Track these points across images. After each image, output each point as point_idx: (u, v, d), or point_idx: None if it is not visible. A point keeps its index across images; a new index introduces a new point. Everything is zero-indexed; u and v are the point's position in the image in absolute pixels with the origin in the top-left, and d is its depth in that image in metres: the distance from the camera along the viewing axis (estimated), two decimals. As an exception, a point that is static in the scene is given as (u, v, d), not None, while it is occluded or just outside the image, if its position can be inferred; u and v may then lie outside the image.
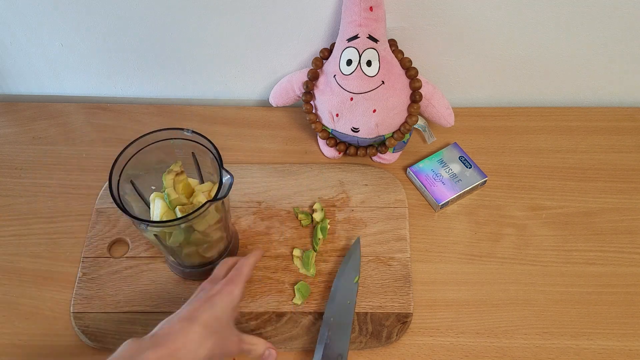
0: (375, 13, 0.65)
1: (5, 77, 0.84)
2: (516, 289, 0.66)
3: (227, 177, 0.54)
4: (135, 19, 0.73)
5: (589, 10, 0.69)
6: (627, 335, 0.63)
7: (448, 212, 0.73)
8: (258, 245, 0.69)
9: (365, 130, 0.70)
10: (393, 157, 0.76)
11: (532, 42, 0.74)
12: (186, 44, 0.76)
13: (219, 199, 0.53)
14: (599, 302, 0.65)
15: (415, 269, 0.68)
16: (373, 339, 0.63)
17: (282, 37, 0.74)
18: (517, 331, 0.63)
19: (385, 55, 0.67)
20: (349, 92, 0.68)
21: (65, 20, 0.73)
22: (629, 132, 0.79)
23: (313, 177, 0.75)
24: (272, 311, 0.65)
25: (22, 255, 0.70)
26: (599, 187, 0.74)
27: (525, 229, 0.71)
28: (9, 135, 0.81)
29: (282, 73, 0.78)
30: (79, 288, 0.66)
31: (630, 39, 0.73)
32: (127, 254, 0.69)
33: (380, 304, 0.65)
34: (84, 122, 0.82)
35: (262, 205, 0.73)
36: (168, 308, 0.65)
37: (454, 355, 0.62)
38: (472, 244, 0.70)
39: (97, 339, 0.63)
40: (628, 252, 0.69)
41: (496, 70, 0.78)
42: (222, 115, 0.82)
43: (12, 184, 0.76)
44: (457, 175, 0.73)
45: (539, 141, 0.78)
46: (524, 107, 0.82)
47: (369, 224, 0.71)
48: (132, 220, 0.53)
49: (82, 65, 0.81)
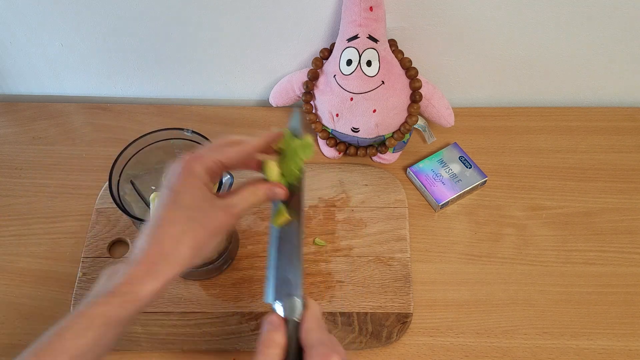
0: (375, 13, 0.65)
1: (5, 77, 0.84)
2: (516, 289, 0.66)
3: (227, 177, 0.54)
4: (135, 19, 0.73)
5: (589, 10, 0.69)
6: (627, 335, 0.63)
7: (448, 212, 0.73)
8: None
9: (365, 130, 0.70)
10: (393, 157, 0.76)
11: (532, 42, 0.74)
12: (186, 44, 0.76)
13: (219, 199, 0.53)
14: (599, 302, 0.65)
15: (415, 269, 0.68)
16: (373, 339, 0.63)
17: (282, 37, 0.74)
18: (517, 331, 0.63)
19: (385, 55, 0.67)
20: (349, 92, 0.68)
21: (65, 20, 0.73)
22: (629, 132, 0.79)
23: (313, 177, 0.75)
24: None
25: (22, 255, 0.70)
26: (599, 187, 0.74)
27: (525, 229, 0.71)
28: (9, 135, 0.81)
29: (282, 73, 0.78)
30: (79, 288, 0.66)
31: (630, 39, 0.73)
32: (127, 254, 0.69)
33: (380, 304, 0.65)
34: (84, 122, 0.82)
35: (262, 205, 0.72)
36: (168, 308, 0.65)
37: (454, 355, 0.62)
38: (472, 244, 0.70)
39: (97, 339, 0.63)
40: (628, 252, 0.69)
41: (496, 70, 0.78)
42: (222, 115, 0.82)
43: (12, 184, 0.76)
44: (457, 175, 0.73)
45: (539, 141, 0.78)
46: (524, 107, 0.82)
47: (369, 224, 0.71)
48: (132, 220, 0.53)
49: (82, 65, 0.81)
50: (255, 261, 0.68)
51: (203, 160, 0.45)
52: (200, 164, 0.45)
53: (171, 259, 0.42)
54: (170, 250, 0.42)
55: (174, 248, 0.42)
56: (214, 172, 0.46)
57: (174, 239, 0.43)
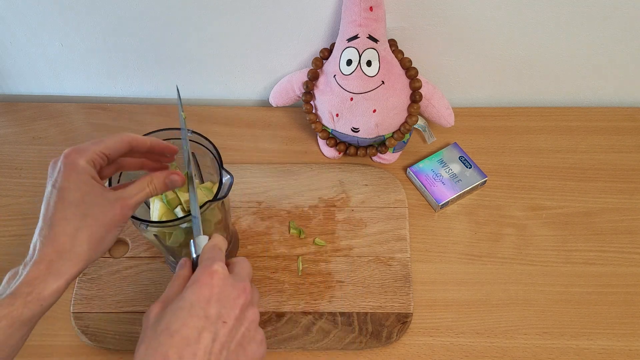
0: (375, 13, 0.65)
1: (5, 77, 0.84)
2: (516, 289, 0.66)
3: (227, 177, 0.54)
4: (135, 19, 0.72)
5: (589, 10, 0.69)
6: (627, 335, 0.63)
7: (448, 212, 0.73)
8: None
9: (365, 130, 0.70)
10: (393, 157, 0.76)
11: (532, 42, 0.74)
12: (186, 44, 0.76)
13: (219, 199, 0.53)
14: (599, 302, 0.65)
15: (415, 269, 0.68)
16: (373, 339, 0.63)
17: (282, 37, 0.74)
18: (517, 331, 0.63)
19: (385, 55, 0.67)
20: (349, 92, 0.68)
21: (65, 20, 0.73)
22: (629, 132, 0.79)
23: (313, 177, 0.75)
24: (272, 311, 0.65)
25: (22, 256, 0.69)
26: (599, 187, 0.74)
27: (525, 229, 0.71)
28: (9, 135, 0.81)
29: (282, 73, 0.78)
30: (79, 288, 0.66)
31: (630, 39, 0.73)
32: (127, 254, 0.69)
33: (380, 304, 0.65)
34: (84, 122, 0.82)
35: (262, 205, 0.73)
36: (168, 308, 0.65)
37: (454, 355, 0.62)
38: (472, 244, 0.70)
39: (97, 339, 0.63)
40: (628, 252, 0.69)
41: (496, 70, 0.78)
42: (222, 115, 0.82)
43: (12, 184, 0.76)
44: (457, 175, 0.73)
45: (539, 141, 0.78)
46: (524, 107, 0.82)
47: (369, 224, 0.71)
48: (132, 220, 0.53)
49: (82, 65, 0.81)
50: (255, 261, 0.68)
51: (84, 152, 0.44)
52: (83, 157, 0.44)
53: (70, 256, 0.42)
54: (68, 248, 0.42)
55: (71, 245, 0.42)
56: (98, 165, 0.45)
57: (69, 237, 0.42)
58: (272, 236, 0.70)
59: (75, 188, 0.43)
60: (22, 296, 0.41)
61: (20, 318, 0.41)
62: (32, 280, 0.41)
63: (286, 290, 0.66)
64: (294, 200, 0.73)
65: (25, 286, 0.41)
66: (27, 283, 0.41)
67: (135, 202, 0.46)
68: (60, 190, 0.43)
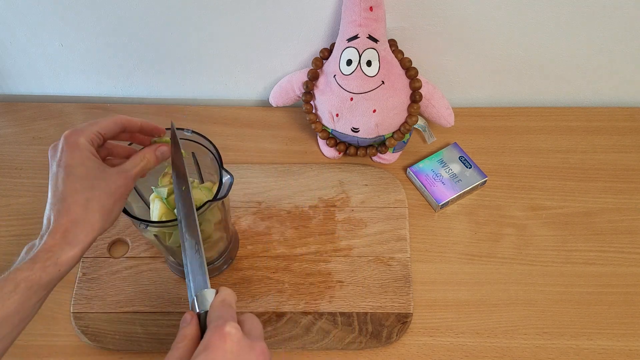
0: (375, 13, 0.65)
1: (5, 77, 0.84)
2: (516, 289, 0.66)
3: (227, 177, 0.54)
4: (136, 19, 0.72)
5: (589, 10, 0.69)
6: (627, 335, 0.63)
7: (448, 212, 0.73)
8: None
9: (365, 130, 0.70)
10: (393, 157, 0.76)
11: (532, 42, 0.74)
12: (186, 44, 0.76)
13: (219, 199, 0.53)
14: (599, 302, 0.65)
15: (415, 269, 0.68)
16: (373, 339, 0.63)
17: (282, 37, 0.74)
18: (517, 331, 0.63)
19: (385, 55, 0.67)
20: (349, 92, 0.68)
21: (65, 20, 0.73)
22: (629, 132, 0.79)
23: (313, 177, 0.75)
24: (272, 311, 0.65)
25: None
26: (599, 187, 0.74)
27: (525, 229, 0.71)
28: (9, 135, 0.81)
29: (282, 73, 0.78)
30: (79, 288, 0.66)
31: (630, 39, 0.73)
32: (127, 254, 0.69)
33: (380, 304, 0.65)
34: (84, 122, 0.81)
35: (262, 205, 0.73)
36: (168, 308, 0.65)
37: (454, 355, 0.62)
38: (472, 244, 0.70)
39: (97, 339, 0.63)
40: (628, 252, 0.69)
41: (496, 70, 0.78)
42: (222, 115, 0.82)
43: (12, 184, 0.76)
44: (457, 175, 0.73)
45: (539, 141, 0.78)
46: (524, 107, 0.82)
47: (369, 224, 0.71)
48: (132, 220, 0.53)
49: (82, 65, 0.81)
50: (255, 261, 0.68)
51: (83, 132, 0.48)
52: (82, 136, 0.47)
53: (84, 225, 0.45)
54: (82, 217, 0.45)
55: (85, 215, 0.45)
56: (95, 144, 0.48)
57: (82, 207, 0.45)
58: (272, 236, 0.70)
59: (80, 163, 0.46)
60: (41, 261, 0.43)
61: (39, 282, 0.43)
62: (50, 247, 0.44)
63: (286, 290, 0.66)
64: (294, 200, 0.73)
65: (44, 253, 0.43)
66: (45, 250, 0.43)
67: (135, 174, 0.49)
68: (66, 167, 0.46)
